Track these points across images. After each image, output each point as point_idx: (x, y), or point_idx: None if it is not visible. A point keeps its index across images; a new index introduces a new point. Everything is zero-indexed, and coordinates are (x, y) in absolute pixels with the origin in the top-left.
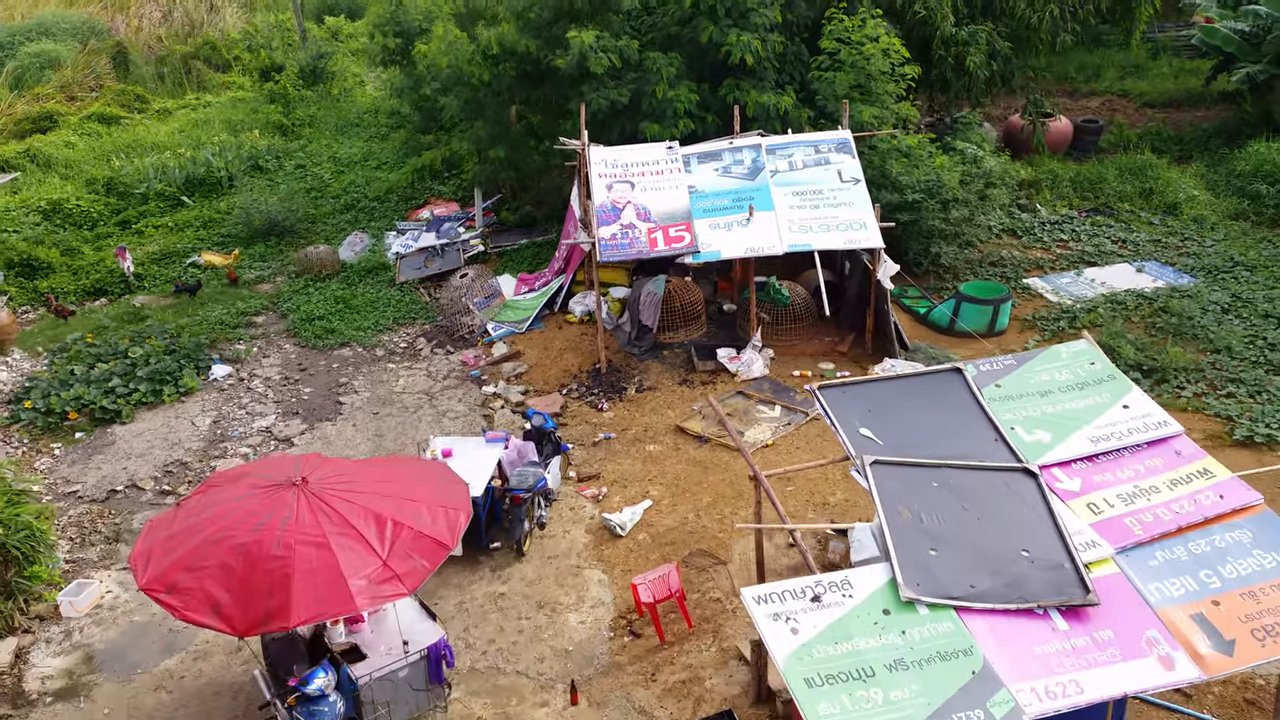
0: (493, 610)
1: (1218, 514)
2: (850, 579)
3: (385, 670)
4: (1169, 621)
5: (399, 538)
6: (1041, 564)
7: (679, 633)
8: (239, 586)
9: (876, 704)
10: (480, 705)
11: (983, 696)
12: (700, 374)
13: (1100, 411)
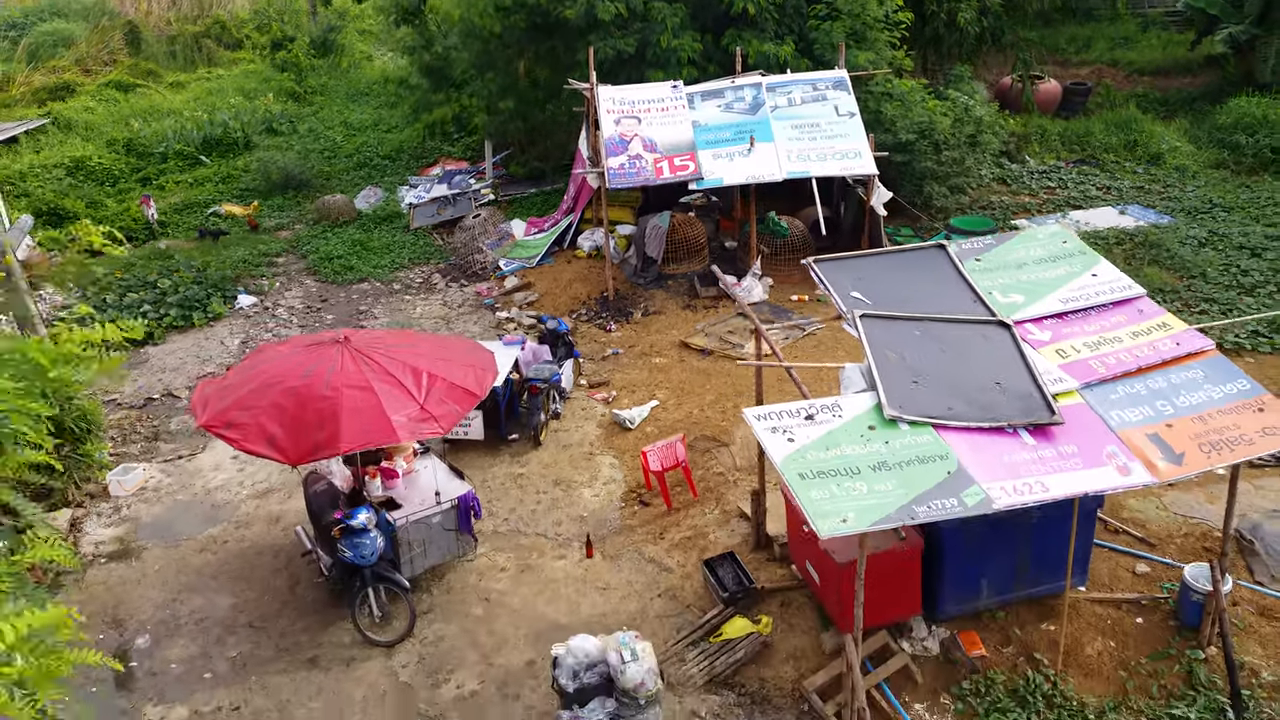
0: (513, 487)
1: (1174, 357)
2: (840, 403)
3: (420, 515)
4: (1127, 439)
5: (434, 386)
6: (1012, 393)
7: (685, 501)
8: (291, 422)
9: (861, 493)
10: (504, 559)
11: (956, 489)
12: (703, 299)
13: (1071, 278)
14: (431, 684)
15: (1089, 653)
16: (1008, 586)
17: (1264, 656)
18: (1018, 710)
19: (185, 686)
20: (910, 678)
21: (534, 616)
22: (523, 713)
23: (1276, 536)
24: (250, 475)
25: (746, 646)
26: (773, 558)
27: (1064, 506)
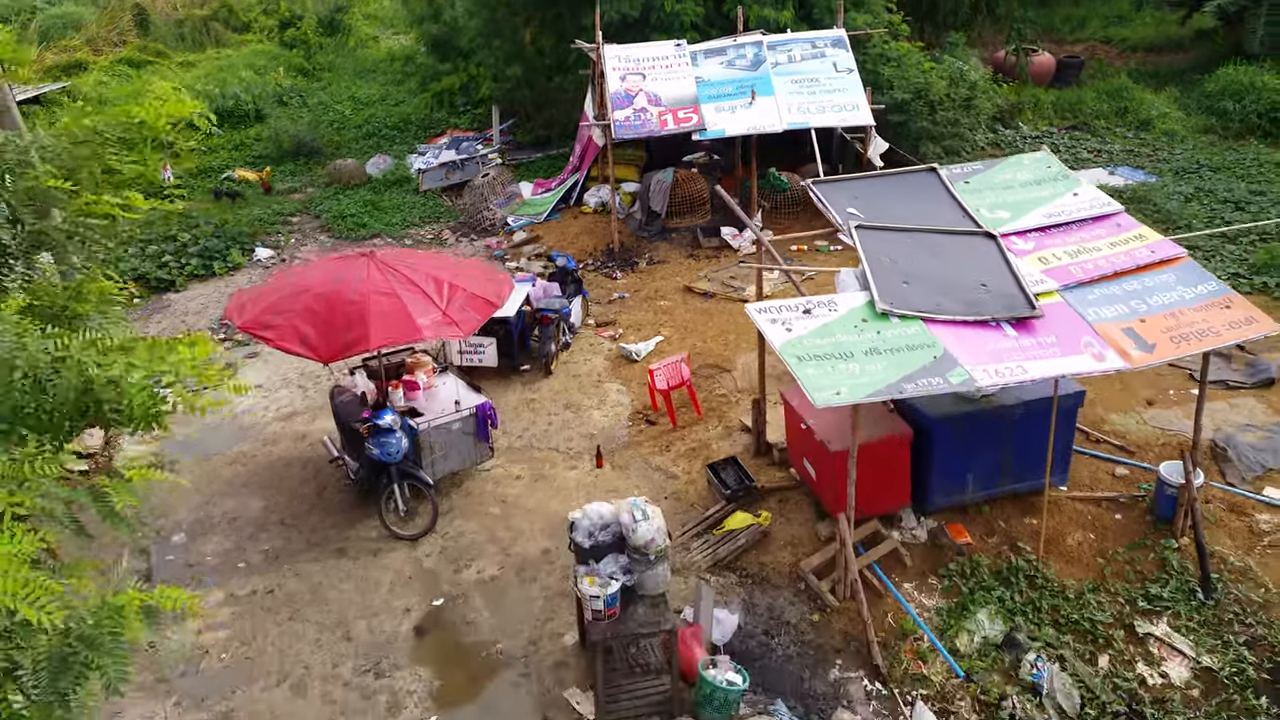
0: (525, 410)
1: (1149, 263)
2: (835, 300)
3: (441, 421)
4: (1103, 332)
5: (455, 295)
6: (996, 292)
7: (689, 420)
8: (322, 324)
9: (854, 373)
10: (518, 469)
11: (942, 370)
12: (705, 250)
13: (1055, 198)
14: (454, 569)
15: (1069, 543)
16: (993, 481)
17: (1232, 546)
18: (1001, 589)
19: (221, 574)
20: (900, 560)
21: (548, 514)
22: (540, 591)
23: (1247, 445)
24: (275, 401)
25: (747, 536)
26: (772, 463)
27: (1045, 404)
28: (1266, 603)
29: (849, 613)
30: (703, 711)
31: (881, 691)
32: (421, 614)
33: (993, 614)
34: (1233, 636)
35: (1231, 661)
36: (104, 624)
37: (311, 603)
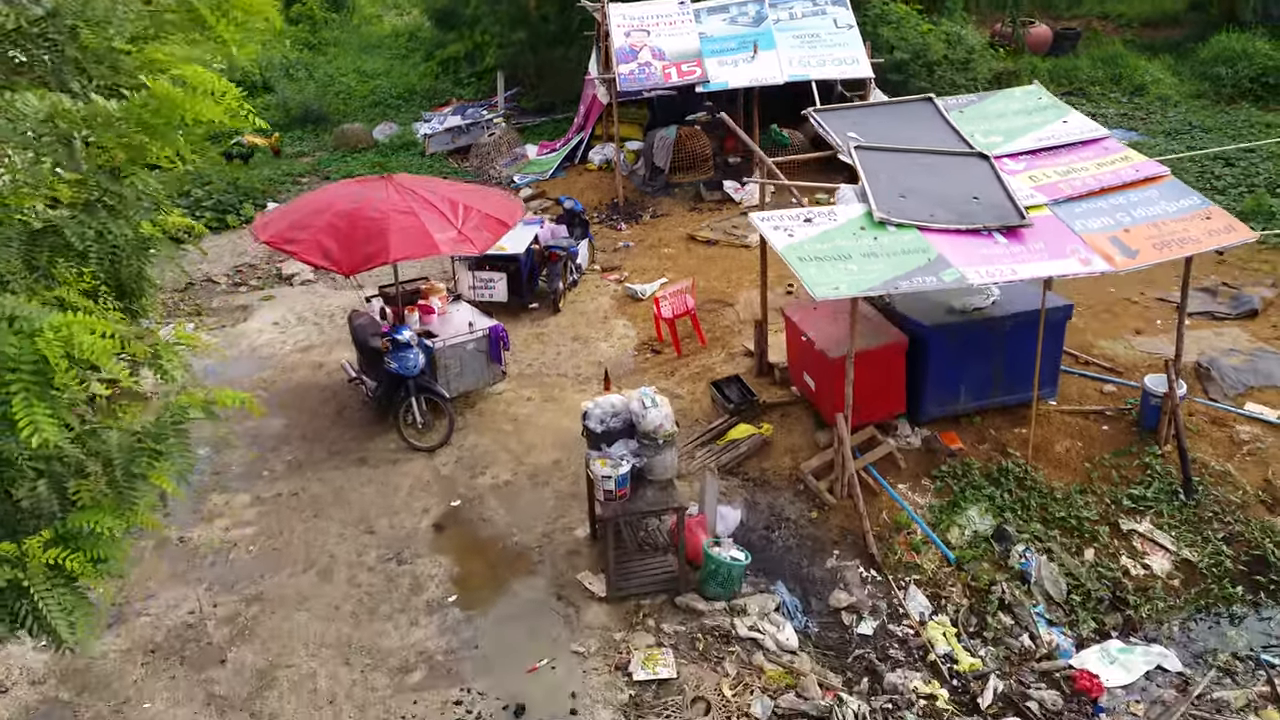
0: (535, 343)
1: (1134, 180)
2: (835, 211)
3: (456, 340)
4: (1089, 240)
5: (470, 215)
6: (988, 204)
7: (694, 349)
8: (343, 239)
9: (852, 272)
10: (529, 392)
11: (936, 271)
12: (708, 203)
13: (1045, 125)
14: (470, 476)
15: (1058, 450)
16: (984, 393)
17: (1213, 453)
18: (992, 488)
19: (246, 481)
20: (895, 464)
21: (558, 430)
22: (552, 494)
23: (1230, 366)
24: (291, 335)
25: (749, 444)
26: (774, 382)
27: (1034, 316)
28: (1244, 503)
29: (846, 510)
30: (707, 587)
31: (876, 578)
32: (440, 513)
33: (983, 510)
34: (1212, 533)
35: (1210, 555)
36: (169, 422)
37: (334, 503)
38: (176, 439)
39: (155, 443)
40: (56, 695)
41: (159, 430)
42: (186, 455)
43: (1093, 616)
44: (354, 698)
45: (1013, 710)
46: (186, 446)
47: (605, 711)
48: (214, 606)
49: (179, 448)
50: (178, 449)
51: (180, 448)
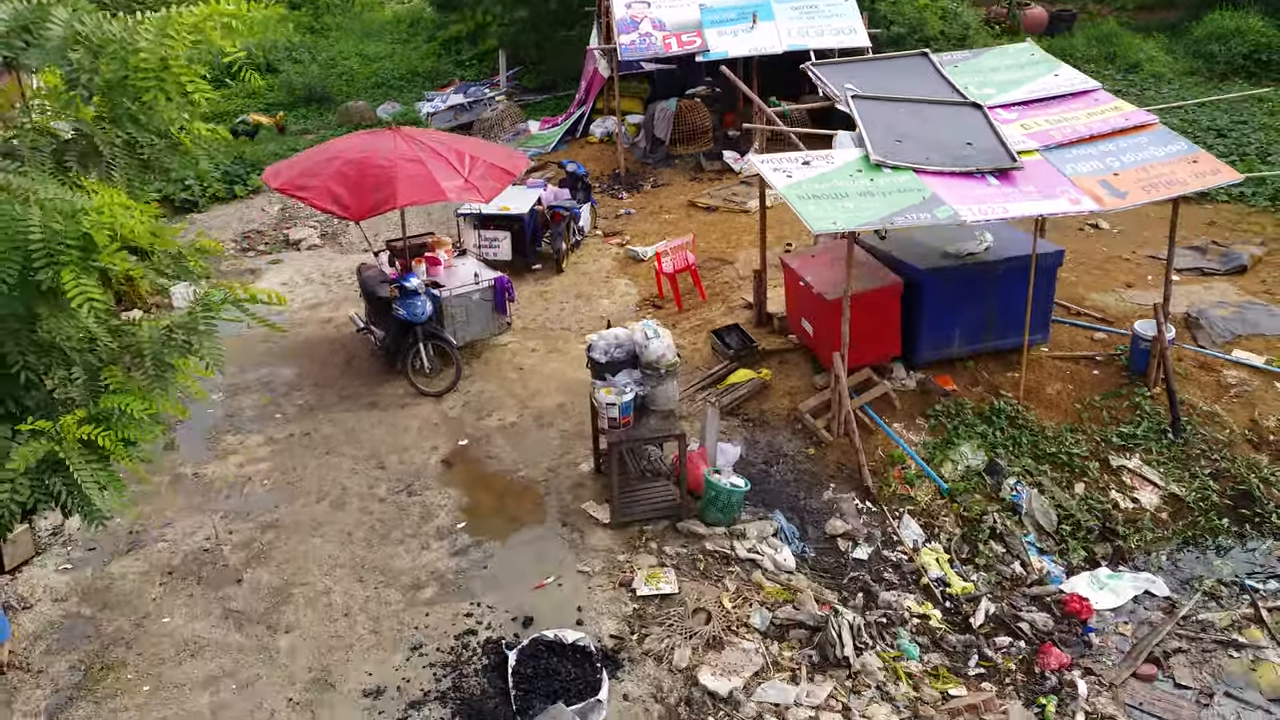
0: (539, 300)
1: (1123, 128)
2: (832, 155)
3: (462, 290)
4: (1079, 182)
5: (476, 164)
6: (981, 149)
7: (694, 304)
8: (353, 186)
9: (849, 209)
10: (534, 344)
11: (930, 208)
12: (708, 173)
13: (1037, 78)
14: (476, 418)
15: (1049, 392)
16: (977, 337)
17: (1201, 396)
18: (984, 426)
19: (259, 423)
20: (890, 404)
21: (562, 378)
22: (557, 434)
23: (1218, 316)
24: (300, 294)
25: (749, 387)
26: (772, 331)
27: (1026, 261)
28: (1231, 442)
29: (842, 447)
30: (708, 513)
31: (871, 509)
32: (448, 450)
33: (975, 447)
34: (1199, 469)
35: (1197, 489)
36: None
37: (346, 442)
38: (206, 331)
39: (185, 335)
40: (79, 611)
41: (189, 323)
42: (215, 347)
43: (1082, 546)
44: (368, 610)
45: (1004, 630)
46: (215, 339)
47: (609, 622)
48: (229, 533)
49: (208, 340)
50: (207, 341)
51: (209, 340)
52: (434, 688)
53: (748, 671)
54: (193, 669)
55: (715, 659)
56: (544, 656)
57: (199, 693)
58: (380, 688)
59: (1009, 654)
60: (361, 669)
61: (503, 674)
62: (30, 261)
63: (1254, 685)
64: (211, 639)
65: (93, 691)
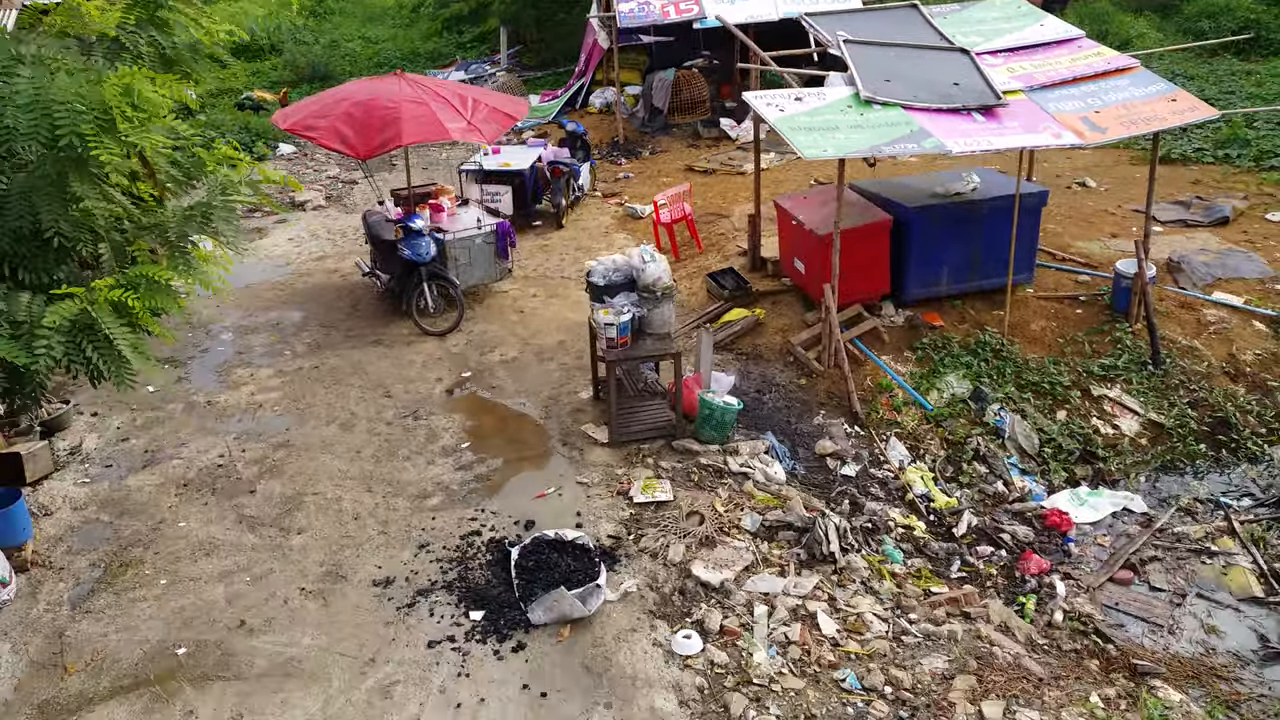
0: (539, 253)
1: (1104, 71)
2: (824, 91)
3: (465, 234)
4: (1061, 119)
5: (479, 108)
6: (967, 89)
7: (691, 254)
8: (359, 126)
9: (840, 139)
10: (534, 290)
11: (918, 140)
12: (705, 140)
13: (1023, 28)
14: (479, 353)
15: (1033, 328)
16: (963, 276)
17: (1181, 332)
18: (969, 358)
19: (269, 358)
20: (879, 338)
21: (562, 319)
22: (557, 367)
23: (1198, 261)
24: (306, 248)
25: (743, 324)
26: (766, 275)
27: (1011, 202)
28: (1208, 374)
29: (832, 377)
30: (702, 431)
31: (859, 432)
32: (452, 381)
33: (961, 377)
34: (1178, 398)
35: (1176, 417)
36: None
37: (353, 374)
38: (224, 210)
39: (205, 214)
40: (98, 518)
41: (209, 203)
42: (234, 224)
43: (1063, 467)
44: (376, 516)
45: (986, 541)
46: (234, 217)
47: (607, 525)
48: (242, 451)
49: (227, 221)
50: (225, 218)
51: (228, 217)
52: (440, 579)
53: (738, 566)
54: (208, 565)
55: (708, 555)
56: (545, 552)
57: (214, 585)
58: (390, 578)
59: (990, 561)
60: (371, 563)
61: (506, 568)
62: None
63: (1224, 587)
64: (226, 540)
65: (112, 585)
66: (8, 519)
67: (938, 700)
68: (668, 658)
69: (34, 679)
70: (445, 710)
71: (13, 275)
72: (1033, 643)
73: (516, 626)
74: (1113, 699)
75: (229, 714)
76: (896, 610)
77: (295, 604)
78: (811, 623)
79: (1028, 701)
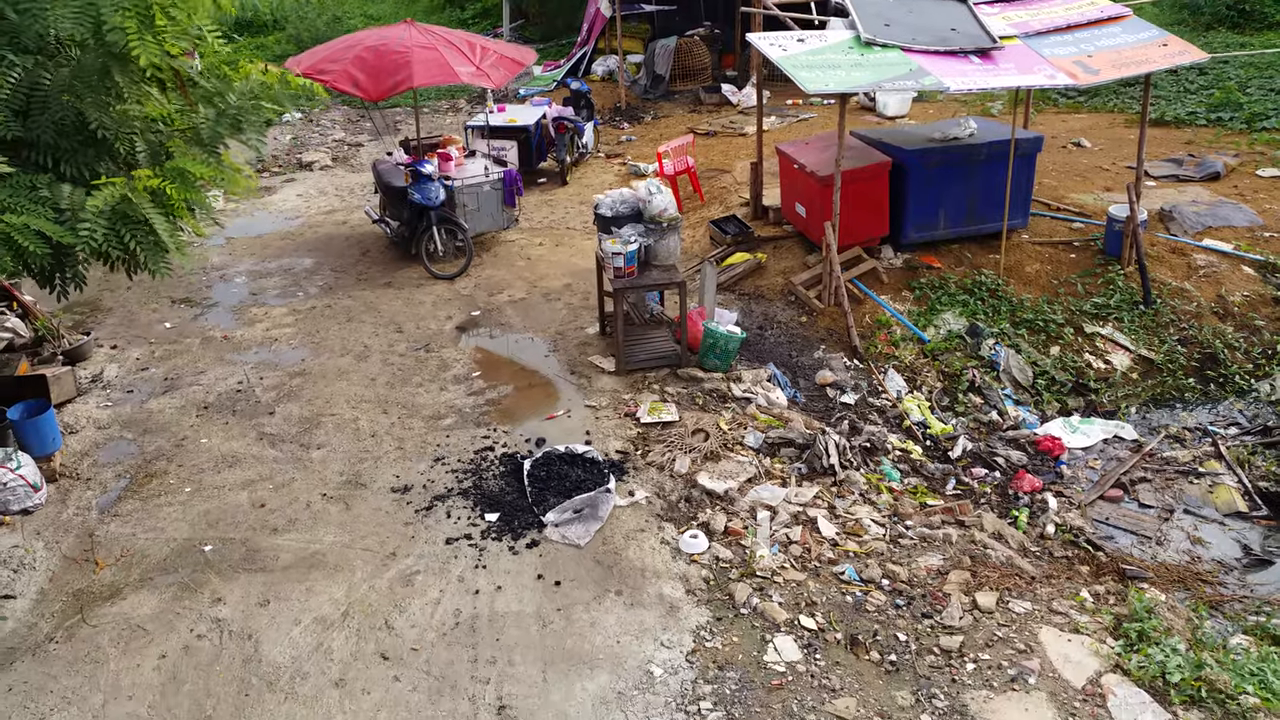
0: (544, 207)
1: (1098, 19)
2: (825, 34)
3: (473, 180)
4: (1055, 62)
5: (487, 54)
6: (964, 33)
7: (693, 205)
8: (371, 70)
9: (841, 75)
10: (540, 239)
11: (916, 78)
12: (707, 105)
13: None
14: (488, 295)
15: (1028, 271)
16: (960, 220)
17: (1172, 275)
18: (966, 297)
19: (283, 299)
20: (878, 279)
21: (568, 265)
22: (563, 306)
23: (1190, 211)
24: (314, 203)
25: (745, 266)
26: (768, 223)
27: (1007, 147)
28: (1198, 313)
29: (832, 314)
30: (706, 360)
31: (858, 365)
32: (462, 319)
33: (958, 314)
34: (1168, 336)
35: (1166, 353)
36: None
37: (365, 312)
38: (254, 111)
39: (237, 118)
40: (122, 435)
41: (240, 104)
42: (262, 130)
43: (1056, 399)
44: (393, 434)
45: (980, 464)
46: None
47: (615, 442)
48: (260, 378)
49: (255, 122)
50: (254, 123)
51: (257, 117)
52: (456, 486)
53: (742, 477)
54: (230, 475)
55: (713, 468)
56: (556, 464)
57: (237, 492)
58: (408, 486)
59: (984, 481)
60: (389, 473)
61: (519, 478)
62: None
63: (1210, 504)
64: (247, 454)
65: (138, 493)
66: (38, 427)
67: (933, 591)
68: (675, 554)
69: (67, 572)
70: (464, 596)
71: (55, 167)
72: (1025, 549)
73: (530, 527)
74: (1102, 594)
75: (256, 599)
76: (893, 518)
77: (317, 507)
78: (812, 526)
79: (1020, 594)
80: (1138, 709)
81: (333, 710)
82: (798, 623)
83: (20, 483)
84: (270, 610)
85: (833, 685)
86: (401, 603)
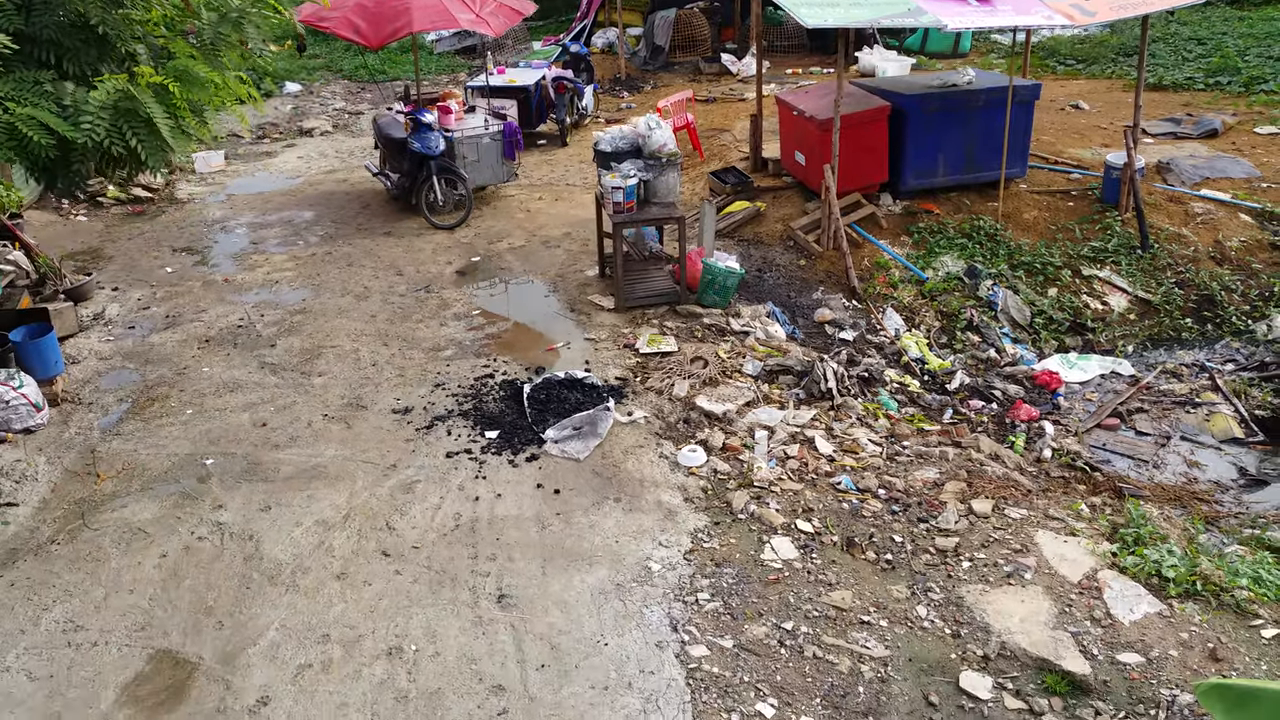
0: (544, 166)
1: None
2: None
3: (473, 133)
4: (1053, 5)
5: (486, 3)
6: None
7: (693, 162)
8: (371, 17)
9: (840, 12)
10: (540, 194)
11: (915, 15)
12: (706, 75)
13: None
14: (488, 243)
15: (1026, 218)
16: (959, 167)
17: (1169, 222)
18: (965, 241)
19: (283, 247)
20: (877, 224)
21: (567, 217)
22: (563, 252)
23: (1187, 164)
24: (315, 164)
25: (745, 214)
26: (768, 174)
27: (1004, 94)
28: (1195, 258)
29: (831, 258)
30: (705, 296)
31: (857, 305)
32: (462, 264)
33: (956, 257)
34: (1165, 278)
35: (1163, 295)
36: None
37: (365, 257)
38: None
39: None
40: (123, 365)
41: (241, 9)
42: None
43: (1054, 337)
44: (394, 363)
45: (978, 396)
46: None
47: (614, 370)
48: (261, 316)
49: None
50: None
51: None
52: (456, 408)
53: (740, 401)
54: (232, 399)
55: (711, 392)
56: (555, 388)
57: (239, 413)
58: (408, 407)
59: (981, 412)
60: (390, 397)
61: (519, 402)
62: None
63: (1207, 432)
64: (249, 380)
65: (140, 415)
66: (40, 350)
67: (929, 500)
68: (673, 467)
69: (69, 484)
70: (464, 502)
71: (58, 64)
72: (1022, 469)
73: (530, 444)
74: (1099, 505)
75: (258, 505)
76: (890, 439)
77: (319, 426)
78: (809, 445)
79: (1016, 503)
80: (1134, 600)
81: (334, 599)
82: (795, 526)
83: (23, 401)
84: (271, 515)
85: (829, 580)
86: (402, 508)
